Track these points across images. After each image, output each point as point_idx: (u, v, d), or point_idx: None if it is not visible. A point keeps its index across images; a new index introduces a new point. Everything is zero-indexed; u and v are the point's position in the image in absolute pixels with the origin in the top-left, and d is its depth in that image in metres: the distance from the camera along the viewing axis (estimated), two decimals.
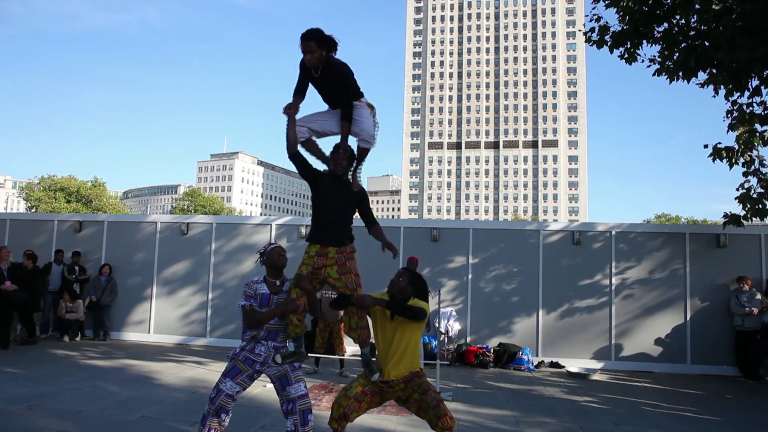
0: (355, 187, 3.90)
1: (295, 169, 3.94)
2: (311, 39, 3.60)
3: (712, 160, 8.17)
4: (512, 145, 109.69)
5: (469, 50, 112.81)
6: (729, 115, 8.23)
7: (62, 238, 10.64)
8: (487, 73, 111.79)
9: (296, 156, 3.85)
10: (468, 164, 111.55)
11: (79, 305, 9.86)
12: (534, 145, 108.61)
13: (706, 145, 8.19)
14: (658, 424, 5.52)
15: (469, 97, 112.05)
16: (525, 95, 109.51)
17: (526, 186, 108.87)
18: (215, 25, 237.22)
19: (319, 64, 3.69)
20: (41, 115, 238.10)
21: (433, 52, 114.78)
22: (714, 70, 7.74)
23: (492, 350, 8.96)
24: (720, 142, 8.15)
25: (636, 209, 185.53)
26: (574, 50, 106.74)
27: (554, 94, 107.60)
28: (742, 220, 8.14)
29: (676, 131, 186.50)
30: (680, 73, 7.96)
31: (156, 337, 10.12)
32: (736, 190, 8.12)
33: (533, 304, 9.28)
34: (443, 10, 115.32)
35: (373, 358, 3.73)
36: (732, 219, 8.15)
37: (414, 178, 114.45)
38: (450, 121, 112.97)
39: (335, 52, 3.70)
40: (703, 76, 8.03)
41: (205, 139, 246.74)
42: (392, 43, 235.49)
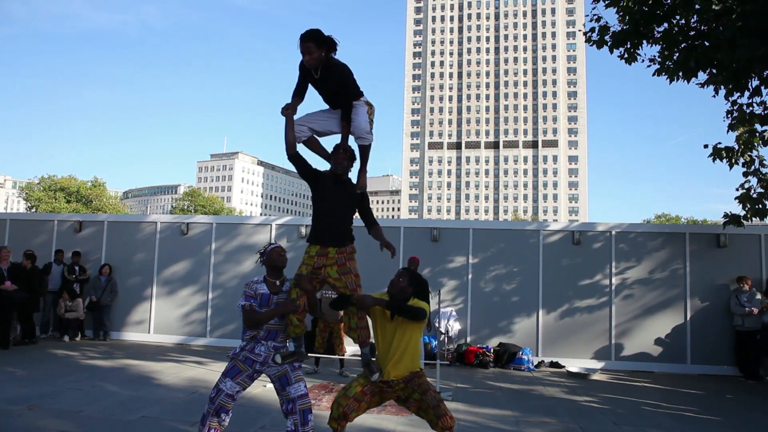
0: (363, 187, 3.91)
1: (295, 170, 3.94)
2: (310, 40, 3.58)
3: (712, 160, 8.17)
4: (512, 145, 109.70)
5: (469, 50, 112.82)
6: (729, 115, 8.23)
7: (62, 238, 10.64)
8: (487, 73, 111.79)
9: (296, 157, 3.85)
10: (468, 164, 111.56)
11: (79, 304, 9.86)
12: (534, 145, 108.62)
13: (706, 145, 8.20)
14: (659, 424, 5.53)
15: (469, 97, 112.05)
16: (525, 95, 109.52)
17: (526, 186, 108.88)
18: (215, 25, 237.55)
19: (318, 65, 3.67)
20: (41, 115, 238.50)
21: (433, 52, 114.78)
22: (714, 70, 7.74)
23: (492, 350, 8.96)
24: (720, 142, 8.17)
25: (636, 209, 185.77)
26: (574, 50, 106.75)
27: (554, 94, 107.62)
28: (742, 220, 8.14)
29: (676, 131, 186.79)
30: (680, 73, 7.97)
31: (156, 337, 10.13)
32: (736, 190, 8.13)
33: (533, 304, 9.29)
34: (443, 10, 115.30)
35: (373, 358, 3.74)
36: (732, 219, 8.15)
37: (414, 178, 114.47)
38: (450, 121, 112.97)
39: (335, 52, 3.69)
40: (703, 76, 8.04)
41: (205, 139, 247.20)
42: (392, 43, 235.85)
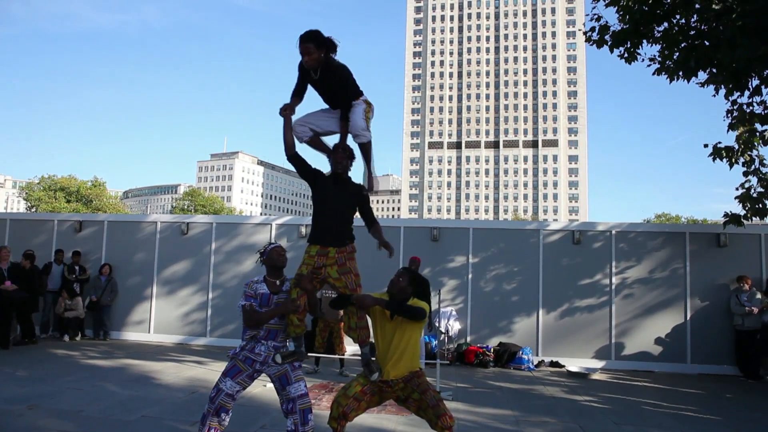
0: (373, 187, 3.89)
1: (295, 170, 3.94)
2: (310, 41, 3.57)
3: (713, 160, 8.16)
4: (512, 144, 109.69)
5: (469, 50, 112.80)
6: (729, 115, 8.23)
7: (62, 237, 10.64)
8: (487, 73, 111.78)
9: (295, 157, 3.85)
10: (468, 164, 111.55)
11: (78, 302, 9.85)
12: (534, 144, 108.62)
13: (706, 145, 8.19)
14: (659, 424, 5.52)
15: (469, 96, 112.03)
16: (525, 95, 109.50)
17: (526, 186, 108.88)
18: (215, 25, 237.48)
19: (318, 65, 3.66)
20: (41, 114, 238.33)
21: (433, 52, 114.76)
22: (714, 70, 7.73)
23: (492, 350, 8.96)
24: (720, 142, 8.15)
25: (636, 209, 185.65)
26: (574, 50, 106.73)
27: (554, 93, 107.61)
28: (743, 220, 8.13)
29: (676, 131, 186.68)
30: (680, 73, 7.97)
31: (156, 337, 10.13)
32: (736, 189, 8.12)
33: (533, 303, 9.28)
34: (443, 10, 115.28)
35: (373, 358, 3.74)
36: (732, 219, 8.14)
37: (414, 178, 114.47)
38: (450, 121, 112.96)
39: (335, 53, 3.68)
40: (703, 75, 8.03)
41: (205, 139, 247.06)
42: (392, 43, 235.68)
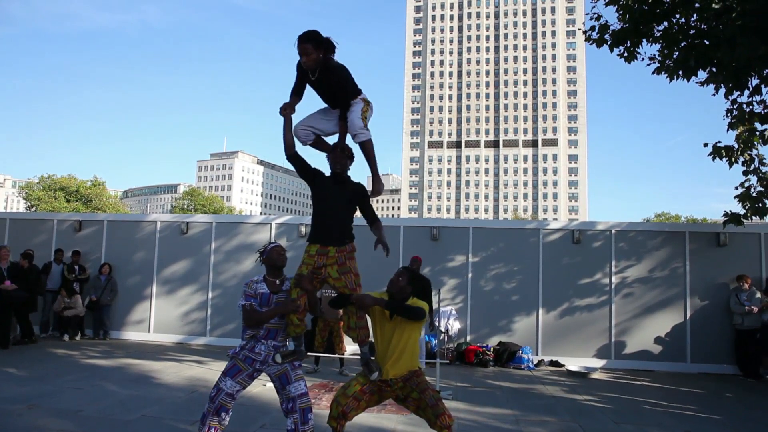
0: (380, 191, 3.84)
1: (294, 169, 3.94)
2: (308, 41, 3.55)
3: (712, 159, 8.17)
4: (512, 144, 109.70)
5: (469, 49, 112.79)
6: (729, 114, 8.23)
7: (62, 237, 10.64)
8: (487, 72, 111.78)
9: (294, 156, 3.85)
10: (468, 163, 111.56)
11: (77, 300, 9.83)
12: (534, 144, 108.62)
13: (705, 144, 8.19)
14: (659, 423, 5.53)
15: (468, 96, 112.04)
16: (525, 94, 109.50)
17: (525, 185, 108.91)
18: (215, 25, 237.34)
19: (316, 66, 3.65)
20: (41, 114, 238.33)
21: (432, 52, 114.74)
22: (714, 69, 7.73)
23: (492, 349, 8.96)
24: (720, 141, 8.16)
25: (636, 208, 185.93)
26: (574, 49, 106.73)
27: (554, 93, 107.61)
28: (742, 219, 8.13)
29: (675, 130, 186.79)
30: (680, 72, 7.96)
31: (156, 337, 10.13)
32: (736, 189, 8.12)
33: (533, 302, 9.28)
34: (443, 10, 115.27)
35: (372, 357, 3.74)
36: (732, 218, 8.14)
37: (414, 177, 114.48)
38: (450, 120, 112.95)
39: (333, 54, 3.66)
40: (702, 74, 8.03)
41: (205, 139, 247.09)
42: (392, 42, 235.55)
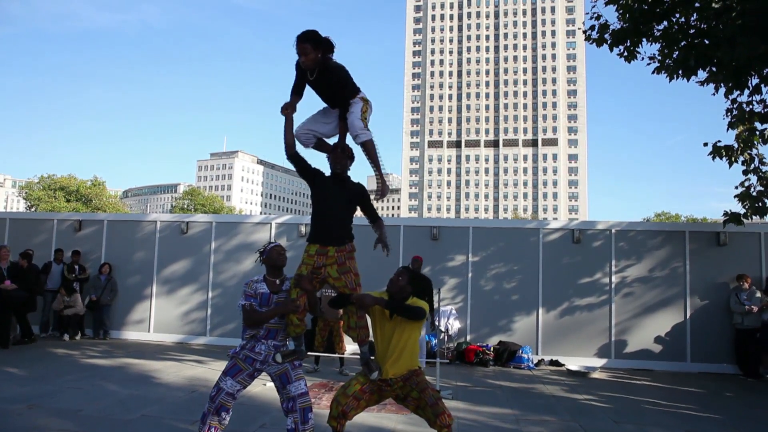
0: (386, 192, 3.78)
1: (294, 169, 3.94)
2: (307, 41, 3.53)
3: (712, 159, 8.16)
4: (512, 143, 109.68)
5: (469, 49, 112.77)
6: (729, 114, 8.22)
7: (62, 237, 10.64)
8: (487, 72, 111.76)
9: (295, 156, 3.85)
10: (468, 163, 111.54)
11: (77, 299, 9.82)
12: (534, 143, 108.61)
13: (705, 144, 8.19)
14: (659, 422, 5.53)
15: (468, 95, 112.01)
16: (525, 94, 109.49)
17: (525, 184, 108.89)
18: (215, 25, 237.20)
19: (314, 66, 3.63)
20: (41, 114, 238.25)
21: (432, 51, 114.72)
22: (714, 69, 7.73)
23: (492, 348, 8.96)
24: (720, 141, 8.16)
25: (636, 208, 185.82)
26: (574, 49, 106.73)
27: (554, 92, 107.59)
28: (742, 219, 8.13)
29: (675, 130, 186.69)
30: (680, 72, 7.96)
31: (156, 336, 10.13)
32: (736, 188, 8.12)
33: (533, 302, 9.29)
34: (443, 9, 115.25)
35: (372, 357, 3.74)
36: (732, 217, 8.14)
37: (414, 177, 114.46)
38: (450, 120, 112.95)
39: (332, 54, 3.64)
40: (702, 74, 8.02)
41: (205, 139, 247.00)
42: (392, 42, 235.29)
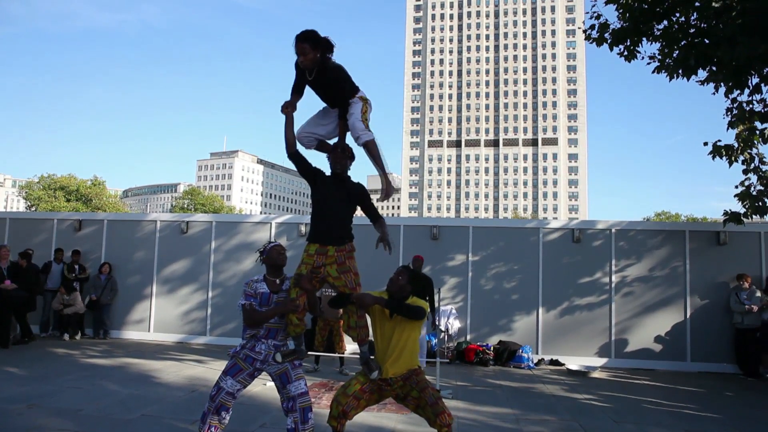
0: (390, 192, 3.79)
1: (295, 168, 3.93)
2: (305, 40, 3.52)
3: (712, 158, 8.15)
4: (512, 143, 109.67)
5: (469, 48, 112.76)
6: (729, 113, 8.22)
7: (62, 236, 10.64)
8: (487, 71, 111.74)
9: (295, 155, 3.85)
10: (468, 162, 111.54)
11: (76, 297, 9.81)
12: (534, 143, 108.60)
13: (705, 143, 8.19)
14: (659, 422, 5.53)
15: (468, 95, 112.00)
16: (525, 93, 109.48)
17: (525, 184, 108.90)
18: (215, 24, 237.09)
19: (313, 66, 3.62)
20: (41, 113, 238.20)
21: (432, 51, 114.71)
22: (714, 68, 7.72)
23: (492, 348, 8.96)
24: (720, 140, 8.15)
25: (636, 207, 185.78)
26: (574, 48, 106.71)
27: (554, 92, 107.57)
28: (742, 218, 8.13)
29: (675, 129, 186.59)
30: (680, 71, 7.95)
31: (156, 336, 10.13)
32: (736, 187, 8.11)
33: (533, 302, 9.29)
34: (443, 9, 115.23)
35: (372, 356, 3.74)
36: (732, 217, 8.14)
37: (414, 177, 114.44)
38: (450, 119, 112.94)
39: (331, 53, 3.63)
40: (702, 73, 8.01)
41: (205, 138, 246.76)
42: (392, 41, 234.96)
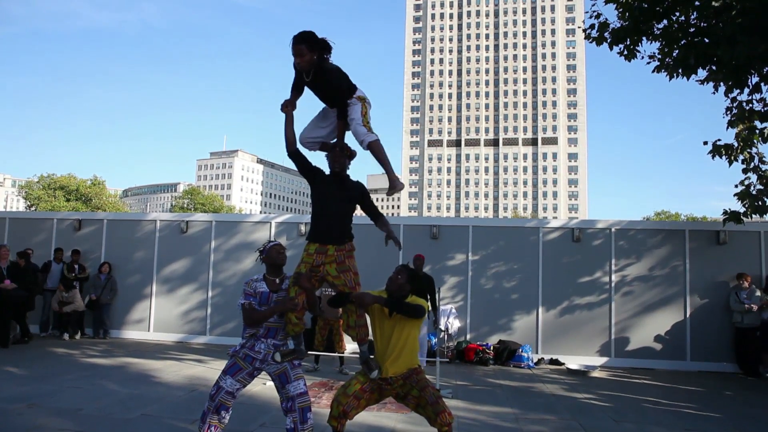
0: (398, 187, 3.74)
1: (295, 167, 3.93)
2: (303, 42, 3.51)
3: (712, 157, 8.16)
4: (512, 142, 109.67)
5: (469, 48, 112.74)
6: (729, 112, 8.22)
7: (62, 236, 10.63)
8: (487, 71, 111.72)
9: (295, 154, 3.85)
10: (467, 162, 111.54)
11: (76, 294, 9.80)
12: (534, 142, 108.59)
13: (705, 142, 8.20)
14: (658, 421, 5.53)
15: (468, 94, 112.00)
16: (524, 93, 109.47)
17: (525, 183, 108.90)
18: (215, 24, 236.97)
19: (310, 67, 3.60)
20: (41, 113, 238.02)
21: (432, 50, 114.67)
22: (714, 67, 7.73)
23: (492, 347, 8.96)
24: (719, 139, 8.17)
25: (636, 206, 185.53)
26: (574, 48, 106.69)
27: (554, 91, 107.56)
28: (742, 217, 8.13)
29: (675, 128, 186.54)
30: (680, 70, 7.96)
31: (156, 336, 10.13)
32: (736, 187, 8.12)
33: (533, 301, 9.29)
34: (443, 8, 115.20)
35: (372, 356, 3.74)
36: (732, 216, 8.14)
37: (414, 176, 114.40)
38: (449, 119, 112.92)
39: (329, 55, 3.61)
40: (702, 73, 8.03)
41: (205, 138, 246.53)
42: (392, 41, 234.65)
